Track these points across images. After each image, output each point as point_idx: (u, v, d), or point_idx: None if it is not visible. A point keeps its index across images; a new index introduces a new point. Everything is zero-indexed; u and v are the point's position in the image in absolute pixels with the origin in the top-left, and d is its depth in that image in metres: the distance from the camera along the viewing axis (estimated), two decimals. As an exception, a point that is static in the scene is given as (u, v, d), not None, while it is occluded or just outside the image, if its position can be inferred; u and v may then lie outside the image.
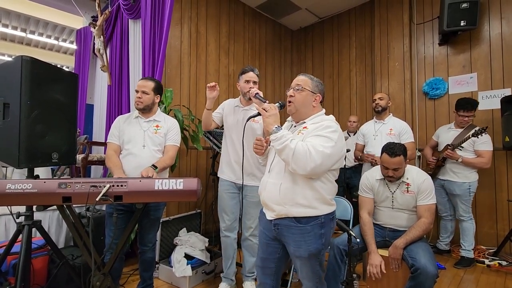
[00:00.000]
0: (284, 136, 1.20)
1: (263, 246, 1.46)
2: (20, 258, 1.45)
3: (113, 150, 1.92)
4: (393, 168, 1.85)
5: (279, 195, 1.30)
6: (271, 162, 1.40)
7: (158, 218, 2.03)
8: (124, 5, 3.16)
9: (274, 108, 1.31)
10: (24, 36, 6.56)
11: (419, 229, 1.77)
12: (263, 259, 1.46)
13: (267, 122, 1.26)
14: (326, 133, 1.25)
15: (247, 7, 4.33)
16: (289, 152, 1.18)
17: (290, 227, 1.31)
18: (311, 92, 1.36)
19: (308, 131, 1.30)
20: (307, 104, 1.37)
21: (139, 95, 1.92)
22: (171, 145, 1.99)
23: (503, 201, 3.02)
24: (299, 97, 1.36)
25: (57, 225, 2.42)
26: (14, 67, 1.48)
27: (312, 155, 1.17)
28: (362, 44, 4.32)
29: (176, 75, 3.41)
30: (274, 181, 1.34)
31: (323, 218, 1.31)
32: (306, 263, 1.33)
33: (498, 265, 2.67)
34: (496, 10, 3.15)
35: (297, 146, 1.19)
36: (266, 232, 1.43)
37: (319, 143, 1.21)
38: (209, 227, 3.35)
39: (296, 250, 1.31)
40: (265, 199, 1.37)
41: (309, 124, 1.34)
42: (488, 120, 3.14)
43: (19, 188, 1.27)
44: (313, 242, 1.29)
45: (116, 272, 1.91)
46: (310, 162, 1.17)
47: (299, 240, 1.30)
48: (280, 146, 1.20)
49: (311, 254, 1.30)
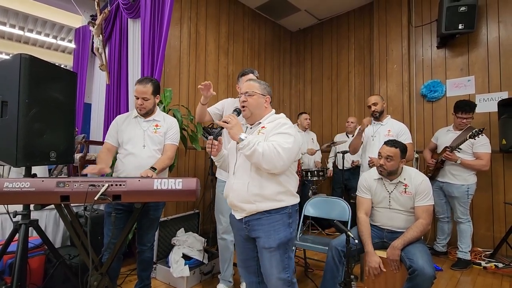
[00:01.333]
0: (250, 142, 1.27)
1: (240, 248, 1.52)
2: (17, 258, 1.43)
3: (106, 149, 1.91)
4: (386, 155, 1.87)
5: (247, 193, 1.36)
6: (234, 164, 1.46)
7: (157, 218, 2.02)
8: (124, 4, 3.15)
9: (234, 117, 1.37)
10: (22, 35, 6.53)
11: (417, 230, 1.78)
12: (243, 260, 1.52)
13: (232, 133, 1.32)
14: (284, 129, 1.36)
15: (246, 8, 4.34)
16: (259, 156, 1.26)
17: (260, 219, 1.37)
18: (261, 94, 1.46)
19: (267, 130, 1.39)
20: (260, 106, 1.46)
21: (140, 101, 1.88)
22: (170, 144, 1.98)
23: (499, 203, 3.04)
24: (252, 101, 1.45)
25: (54, 224, 2.40)
26: (13, 65, 1.47)
27: (280, 153, 1.27)
28: (361, 46, 4.34)
29: (175, 75, 3.40)
30: (241, 181, 1.39)
31: (290, 208, 1.41)
32: (275, 253, 1.36)
33: (495, 267, 2.68)
34: (494, 14, 3.18)
35: (264, 148, 1.27)
36: (239, 233, 1.49)
37: (282, 140, 1.31)
38: (207, 227, 3.35)
39: (265, 241, 1.35)
40: (233, 200, 1.42)
41: (266, 124, 1.44)
42: (485, 123, 3.16)
43: (16, 186, 1.26)
44: (282, 230, 1.36)
45: (114, 272, 1.89)
46: (280, 160, 1.28)
47: (269, 230, 1.36)
48: (249, 152, 1.27)
49: (281, 243, 1.35)
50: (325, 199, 2.51)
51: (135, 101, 1.91)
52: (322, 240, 2.36)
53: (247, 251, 1.49)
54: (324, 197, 2.60)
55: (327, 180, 4.10)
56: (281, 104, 4.90)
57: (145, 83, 1.88)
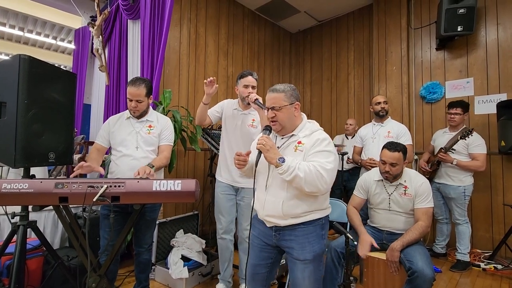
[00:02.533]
0: (290, 167, 1.21)
1: (255, 252, 1.45)
2: (15, 259, 1.43)
3: (96, 149, 1.91)
4: (391, 162, 1.86)
5: (281, 212, 1.31)
6: (266, 179, 1.39)
7: (154, 219, 2.01)
8: (124, 5, 3.15)
9: (269, 139, 1.29)
10: (22, 35, 6.52)
11: (416, 232, 1.77)
12: (254, 265, 1.46)
13: (269, 158, 1.26)
14: (324, 147, 1.29)
15: (246, 9, 4.35)
16: (300, 181, 1.21)
17: (294, 229, 1.33)
18: (289, 105, 1.35)
19: (306, 148, 1.31)
20: (290, 117, 1.36)
21: (133, 104, 1.84)
22: (165, 145, 1.96)
23: (498, 205, 3.04)
24: (281, 115, 1.34)
25: (52, 225, 2.40)
26: (12, 66, 1.46)
27: (323, 176, 1.22)
28: (360, 48, 4.35)
29: (175, 76, 3.41)
30: (274, 199, 1.33)
31: (323, 219, 1.39)
32: (310, 266, 1.32)
33: (494, 269, 2.68)
34: (493, 16, 3.19)
35: (306, 171, 1.21)
36: (261, 238, 1.44)
37: (324, 160, 1.25)
38: (206, 228, 3.34)
39: (300, 253, 1.31)
40: (265, 216, 1.38)
41: (302, 138, 1.35)
42: (484, 125, 3.17)
43: (15, 188, 1.26)
44: (316, 242, 1.34)
45: (112, 274, 1.89)
46: (323, 183, 1.23)
47: (303, 242, 1.32)
48: (290, 177, 1.22)
49: (316, 255, 1.33)
50: (325, 201, 2.51)
51: (128, 103, 1.87)
52: (321, 242, 2.36)
53: (262, 257, 1.44)
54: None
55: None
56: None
57: (138, 85, 1.82)
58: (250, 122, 2.11)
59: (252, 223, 1.49)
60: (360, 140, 2.97)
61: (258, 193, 1.44)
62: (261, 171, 1.42)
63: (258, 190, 1.45)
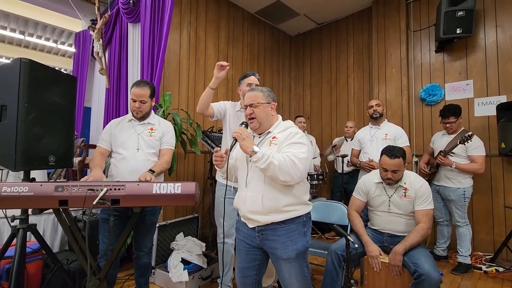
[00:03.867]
0: (264, 155, 1.25)
1: (242, 255, 1.47)
2: (14, 263, 1.42)
3: (100, 153, 1.90)
4: (392, 170, 1.85)
5: (262, 207, 1.32)
6: (246, 175, 1.41)
7: (154, 223, 2.01)
8: (124, 9, 3.17)
9: (244, 130, 1.35)
10: (23, 39, 6.55)
11: (418, 234, 1.76)
12: (242, 268, 1.47)
13: (244, 146, 1.30)
14: (297, 139, 1.34)
15: (246, 13, 4.37)
16: (275, 168, 1.23)
17: (276, 230, 1.34)
18: (266, 103, 1.42)
19: (280, 141, 1.36)
20: (267, 115, 1.43)
21: (137, 104, 1.86)
22: (166, 149, 1.98)
23: (499, 207, 3.04)
24: (258, 111, 1.41)
25: (52, 228, 2.39)
26: (13, 69, 1.47)
27: (297, 164, 1.25)
28: (359, 50, 4.36)
29: (175, 79, 3.42)
30: (254, 194, 1.36)
31: (304, 217, 1.39)
32: (295, 264, 1.34)
33: (495, 272, 2.67)
34: (492, 18, 3.20)
35: (280, 160, 1.24)
36: (246, 241, 1.45)
37: (297, 150, 1.29)
38: (206, 231, 3.33)
39: (283, 252, 1.33)
40: (246, 213, 1.39)
41: (277, 133, 1.41)
42: (484, 127, 3.17)
43: (15, 191, 1.26)
44: (299, 239, 1.35)
45: (111, 278, 1.88)
46: (297, 171, 1.25)
47: (286, 241, 1.33)
48: (264, 165, 1.24)
49: (299, 253, 1.34)
50: (325, 203, 2.51)
51: (132, 104, 1.89)
52: (321, 245, 2.35)
53: (249, 259, 1.45)
54: (324, 201, 2.60)
55: (326, 184, 4.09)
56: (280, 108, 4.91)
57: (142, 86, 1.87)
58: None
59: (236, 226, 1.52)
60: (358, 142, 2.98)
61: (239, 191, 1.47)
62: (241, 167, 1.46)
63: (239, 188, 1.47)
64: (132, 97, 1.88)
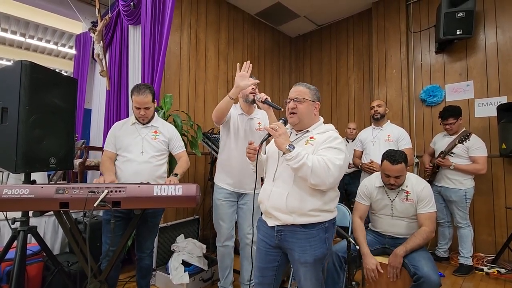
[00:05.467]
0: (299, 154, 1.20)
1: (261, 255, 1.44)
2: (15, 265, 1.42)
3: (108, 157, 1.90)
4: (395, 176, 1.83)
5: (285, 205, 1.29)
6: (275, 170, 1.37)
7: (156, 225, 2.01)
8: (124, 11, 3.17)
9: (282, 126, 1.30)
10: (23, 41, 6.56)
11: (420, 237, 1.75)
12: (261, 268, 1.44)
13: (279, 142, 1.25)
14: (336, 145, 1.28)
15: (246, 14, 4.38)
16: (307, 170, 1.19)
17: (295, 232, 1.31)
18: (311, 101, 1.38)
19: (317, 142, 1.31)
20: (309, 113, 1.39)
21: (142, 112, 1.86)
22: (181, 152, 2.04)
23: (500, 208, 3.03)
24: (302, 107, 1.36)
25: (53, 230, 2.39)
26: (14, 72, 1.48)
27: (331, 170, 1.20)
28: (360, 52, 4.36)
29: (175, 81, 3.42)
30: (280, 191, 1.32)
31: (327, 223, 1.34)
32: (311, 269, 1.32)
33: (497, 273, 2.66)
34: (491, 19, 3.21)
35: (314, 162, 1.19)
36: (266, 240, 1.42)
37: (334, 156, 1.24)
38: (207, 233, 3.32)
39: (301, 255, 1.29)
40: (269, 208, 1.35)
41: (315, 134, 1.36)
42: (485, 128, 3.17)
43: (15, 193, 1.26)
44: (319, 246, 1.30)
45: (112, 280, 1.88)
46: (330, 177, 1.20)
47: (305, 245, 1.29)
48: (297, 165, 1.20)
49: (317, 259, 1.30)
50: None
51: (136, 112, 1.89)
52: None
53: (269, 259, 1.42)
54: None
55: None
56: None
57: (143, 92, 1.84)
58: (257, 126, 2.12)
59: (257, 225, 1.49)
60: (360, 144, 2.97)
61: (265, 185, 1.43)
62: (271, 161, 1.42)
63: (266, 182, 1.44)
64: (135, 105, 1.86)
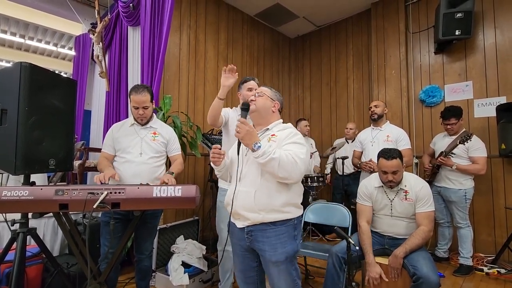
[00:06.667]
0: (266, 151, 1.22)
1: (239, 258, 1.46)
2: (14, 267, 1.42)
3: (104, 157, 1.91)
4: (392, 171, 1.84)
5: (254, 203, 1.30)
6: (240, 170, 1.39)
7: (155, 226, 2.01)
8: (124, 12, 3.18)
9: (244, 123, 1.27)
10: (23, 42, 6.57)
11: (419, 237, 1.76)
12: (242, 271, 1.46)
13: (245, 142, 1.27)
14: (298, 139, 1.35)
15: (245, 15, 4.38)
16: (275, 164, 1.21)
17: (265, 231, 1.32)
18: (270, 98, 1.48)
19: (279, 138, 1.36)
20: (267, 108, 1.46)
21: (140, 111, 1.86)
22: (177, 154, 2.05)
23: (500, 208, 3.03)
24: (260, 100, 1.46)
25: (52, 232, 2.39)
26: (13, 73, 1.47)
27: (298, 164, 1.25)
28: (359, 52, 4.37)
29: (175, 82, 3.42)
30: (247, 189, 1.33)
31: (295, 220, 1.37)
32: (283, 268, 1.32)
33: (497, 273, 2.66)
34: (490, 20, 3.21)
35: (281, 156, 1.22)
36: (240, 243, 1.42)
37: (298, 150, 1.29)
38: (206, 234, 3.32)
39: (272, 254, 1.30)
40: (237, 208, 1.35)
41: (276, 131, 1.41)
42: (484, 128, 3.17)
43: (15, 195, 1.26)
44: (289, 243, 1.32)
45: (112, 281, 1.87)
46: (297, 170, 1.25)
47: (275, 243, 1.30)
48: (265, 160, 1.22)
49: (288, 257, 1.32)
50: (325, 205, 2.50)
51: (134, 112, 1.89)
52: (322, 247, 2.34)
53: (246, 262, 1.44)
54: (324, 203, 2.59)
55: (327, 186, 4.09)
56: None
57: (142, 91, 1.85)
58: None
59: (230, 230, 1.48)
60: (360, 144, 2.97)
61: (231, 186, 1.44)
62: (234, 162, 1.44)
63: (231, 184, 1.45)
64: (133, 104, 1.86)
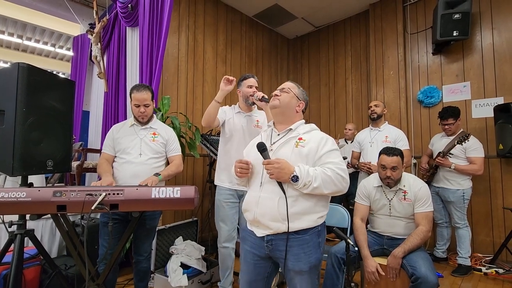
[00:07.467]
0: (306, 182, 1.16)
1: (249, 267, 1.34)
2: (12, 269, 1.41)
3: (105, 159, 1.90)
4: (391, 167, 1.86)
5: (277, 211, 1.20)
6: (261, 175, 1.29)
7: (153, 227, 2.00)
8: (122, 13, 3.17)
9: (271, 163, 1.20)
10: (21, 43, 6.54)
11: (417, 237, 1.76)
12: (250, 282, 1.35)
13: (283, 180, 1.19)
14: (331, 146, 1.28)
15: (244, 16, 4.39)
16: (318, 191, 1.18)
17: (288, 240, 1.23)
18: (296, 96, 1.37)
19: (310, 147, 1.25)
20: (291, 107, 1.35)
21: (142, 109, 1.86)
22: (175, 155, 2.02)
23: (498, 208, 3.04)
24: (286, 97, 1.35)
25: (50, 234, 2.38)
26: (11, 74, 1.47)
27: (344, 177, 1.20)
28: (357, 53, 4.38)
29: (174, 83, 3.42)
30: (270, 196, 1.23)
31: (319, 226, 1.28)
32: (306, 277, 1.25)
33: (495, 273, 2.67)
34: (488, 21, 3.23)
35: (324, 179, 1.16)
36: (254, 251, 1.32)
37: (338, 160, 1.24)
38: (205, 235, 3.31)
39: (295, 264, 1.22)
40: (258, 216, 1.25)
41: (302, 134, 1.31)
42: (482, 128, 3.18)
43: (12, 196, 1.25)
44: (313, 252, 1.24)
45: (110, 283, 1.86)
46: (344, 183, 1.21)
47: (299, 253, 1.22)
48: (308, 191, 1.18)
49: (312, 266, 1.24)
50: (324, 206, 2.50)
51: (135, 110, 1.88)
52: (321, 248, 2.34)
53: (258, 271, 1.33)
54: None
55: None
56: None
57: (143, 90, 1.86)
58: (255, 123, 2.13)
59: (242, 235, 1.40)
60: (358, 145, 2.98)
61: (251, 192, 1.33)
62: (256, 167, 1.33)
63: (251, 188, 1.34)
64: (135, 102, 1.86)
